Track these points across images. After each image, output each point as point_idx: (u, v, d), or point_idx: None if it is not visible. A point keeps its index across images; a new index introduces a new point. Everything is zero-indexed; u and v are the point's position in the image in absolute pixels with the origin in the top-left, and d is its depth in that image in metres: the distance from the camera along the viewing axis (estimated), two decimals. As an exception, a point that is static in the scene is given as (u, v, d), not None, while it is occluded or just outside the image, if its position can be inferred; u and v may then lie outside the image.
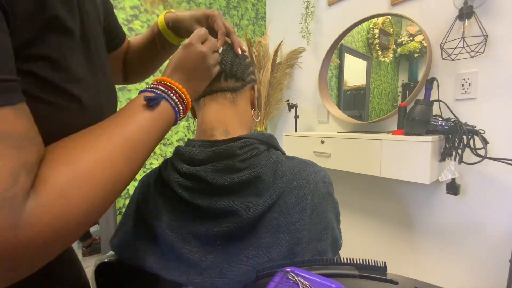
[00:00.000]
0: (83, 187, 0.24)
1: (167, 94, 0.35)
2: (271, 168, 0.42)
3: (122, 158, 0.28)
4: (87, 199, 0.24)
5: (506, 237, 1.00)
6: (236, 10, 1.87)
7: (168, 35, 0.51)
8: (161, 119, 0.34)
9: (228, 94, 0.47)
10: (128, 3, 1.40)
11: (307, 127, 1.77)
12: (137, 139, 0.30)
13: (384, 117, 1.31)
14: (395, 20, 1.33)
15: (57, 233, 0.22)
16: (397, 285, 0.30)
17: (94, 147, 0.26)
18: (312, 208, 0.41)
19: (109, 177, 0.26)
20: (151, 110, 0.33)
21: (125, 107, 0.33)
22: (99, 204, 0.25)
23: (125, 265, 0.43)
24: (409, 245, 1.27)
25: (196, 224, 0.40)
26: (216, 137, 0.45)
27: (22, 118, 0.22)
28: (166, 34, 0.51)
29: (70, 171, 0.23)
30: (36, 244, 0.20)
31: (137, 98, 0.34)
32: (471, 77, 1.04)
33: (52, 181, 0.22)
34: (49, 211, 0.21)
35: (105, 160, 0.26)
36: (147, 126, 0.32)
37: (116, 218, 1.45)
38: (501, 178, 1.00)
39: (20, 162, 0.20)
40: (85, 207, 0.24)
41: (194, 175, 0.40)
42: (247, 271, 0.37)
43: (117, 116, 0.31)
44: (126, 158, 0.28)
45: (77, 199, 0.23)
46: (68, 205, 0.22)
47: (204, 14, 0.48)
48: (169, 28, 0.50)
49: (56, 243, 0.22)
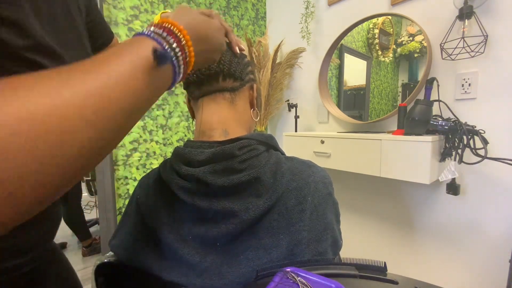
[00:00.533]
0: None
1: (170, 46, 0.27)
2: (270, 169, 0.41)
3: (83, 115, 0.19)
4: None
5: (506, 237, 1.00)
6: (236, 10, 1.87)
7: None
8: (158, 77, 0.26)
9: (226, 94, 0.47)
10: (128, 3, 1.40)
11: (307, 127, 1.77)
12: (113, 96, 0.21)
13: (384, 117, 1.31)
14: (395, 20, 1.33)
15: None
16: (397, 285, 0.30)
17: (42, 90, 0.18)
18: (312, 209, 0.41)
19: (51, 130, 0.17)
20: (151, 66, 0.24)
21: (115, 52, 0.23)
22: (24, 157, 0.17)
23: (124, 266, 0.43)
24: (409, 245, 1.27)
25: (196, 225, 0.40)
26: (215, 137, 0.45)
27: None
28: None
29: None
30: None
31: (137, 45, 0.25)
32: (471, 77, 1.04)
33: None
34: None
35: (54, 106, 0.18)
36: (134, 81, 0.23)
37: (116, 218, 1.45)
38: (501, 178, 1.00)
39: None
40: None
41: (193, 177, 0.40)
42: (246, 272, 0.37)
43: (93, 60, 0.22)
44: (91, 117, 0.20)
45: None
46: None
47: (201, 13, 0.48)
48: None
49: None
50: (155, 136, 1.56)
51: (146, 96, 0.25)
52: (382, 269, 0.32)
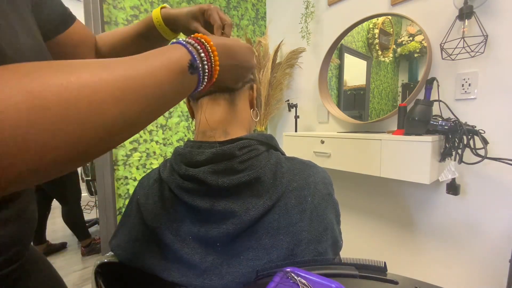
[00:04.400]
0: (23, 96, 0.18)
1: (201, 61, 0.31)
2: (270, 169, 0.41)
3: (115, 95, 0.22)
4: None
5: (506, 237, 1.00)
6: (236, 10, 1.87)
7: (164, 31, 0.51)
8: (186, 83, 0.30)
9: (226, 95, 0.47)
10: (128, 3, 1.40)
11: (307, 127, 1.77)
12: (144, 85, 0.25)
13: (384, 117, 1.31)
14: (395, 20, 1.33)
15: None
16: (397, 285, 0.30)
17: (83, 69, 0.21)
18: (312, 209, 0.41)
19: (80, 102, 0.20)
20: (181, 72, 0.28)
21: (153, 53, 0.28)
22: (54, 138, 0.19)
23: (124, 266, 0.43)
24: (409, 245, 1.27)
25: (196, 226, 0.40)
26: (215, 138, 0.45)
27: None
28: (162, 30, 0.51)
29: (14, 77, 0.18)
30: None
31: (174, 51, 0.29)
32: (471, 77, 1.04)
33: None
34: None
35: (90, 82, 0.21)
36: (167, 80, 0.27)
37: (116, 218, 1.45)
38: (501, 178, 1.00)
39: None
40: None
41: (194, 177, 0.40)
42: (247, 272, 0.37)
43: (132, 57, 0.26)
44: (120, 98, 0.23)
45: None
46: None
47: (200, 9, 0.47)
48: (165, 24, 0.50)
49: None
50: (155, 136, 1.56)
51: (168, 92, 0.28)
52: (382, 269, 0.32)
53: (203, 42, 0.32)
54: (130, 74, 0.24)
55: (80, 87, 0.21)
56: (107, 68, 0.23)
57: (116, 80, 0.23)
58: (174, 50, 0.29)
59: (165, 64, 0.27)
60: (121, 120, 0.23)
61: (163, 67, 0.27)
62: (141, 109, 0.25)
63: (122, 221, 0.48)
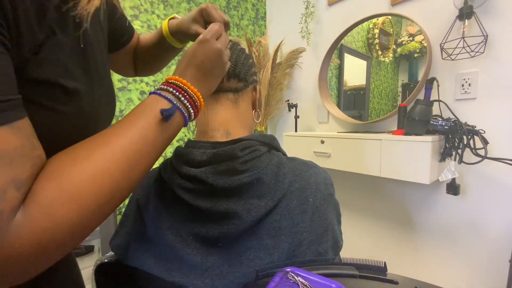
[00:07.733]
0: (69, 203, 0.23)
1: (178, 99, 0.33)
2: (272, 170, 0.41)
3: (121, 168, 0.27)
4: (72, 215, 0.23)
5: (506, 237, 1.00)
6: (236, 10, 1.87)
7: (172, 41, 0.52)
8: (170, 127, 0.33)
9: (230, 95, 0.47)
10: (128, 3, 1.40)
11: (307, 127, 1.77)
12: (139, 148, 0.29)
13: (384, 117, 1.31)
14: (395, 20, 1.33)
15: (42, 249, 0.22)
16: (397, 285, 0.30)
17: (89, 158, 0.25)
18: (313, 209, 0.41)
19: (102, 190, 0.25)
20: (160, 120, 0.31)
21: (135, 113, 0.31)
22: (90, 217, 0.25)
23: (125, 266, 0.43)
24: (409, 245, 1.27)
25: (197, 226, 0.39)
26: (217, 138, 0.45)
27: (17, 134, 0.22)
28: (170, 40, 0.52)
29: (56, 187, 0.23)
30: (20, 258, 0.21)
31: (150, 105, 0.31)
32: (471, 77, 1.04)
33: (38, 197, 0.22)
34: (33, 228, 0.21)
35: (99, 171, 0.25)
36: (152, 135, 0.30)
37: (116, 218, 1.45)
38: (501, 178, 1.00)
39: (9, 178, 0.21)
40: (71, 222, 0.23)
41: (195, 177, 0.39)
42: (248, 273, 0.37)
43: (121, 123, 0.30)
44: (125, 168, 0.27)
45: (62, 216, 0.23)
46: (53, 222, 0.22)
47: (198, 10, 0.47)
48: (172, 35, 0.51)
49: (42, 257, 0.23)
50: (155, 136, 1.55)
51: (163, 140, 0.32)
52: (382, 269, 0.32)
53: (180, 85, 0.34)
54: (128, 145, 0.28)
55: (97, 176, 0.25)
56: (106, 148, 0.27)
57: (117, 159, 0.27)
58: (152, 107, 0.31)
59: (150, 121, 0.30)
60: (127, 185, 0.28)
61: (150, 124, 0.30)
62: (144, 167, 0.30)
63: (122, 221, 0.47)
